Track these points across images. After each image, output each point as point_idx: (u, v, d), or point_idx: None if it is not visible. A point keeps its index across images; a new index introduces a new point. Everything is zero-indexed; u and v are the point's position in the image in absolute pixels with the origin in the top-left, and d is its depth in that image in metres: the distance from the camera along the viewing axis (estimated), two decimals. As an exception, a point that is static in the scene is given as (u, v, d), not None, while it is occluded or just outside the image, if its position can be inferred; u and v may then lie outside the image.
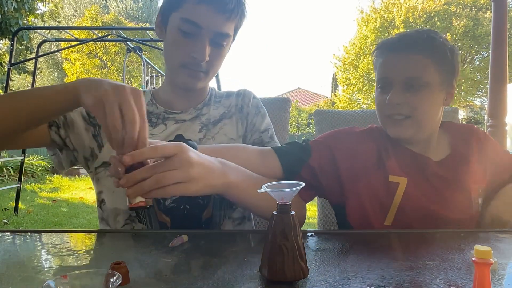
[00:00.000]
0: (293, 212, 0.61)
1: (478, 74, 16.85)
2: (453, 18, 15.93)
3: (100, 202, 1.06)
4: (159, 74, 8.86)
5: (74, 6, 24.57)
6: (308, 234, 0.88)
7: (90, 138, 1.06)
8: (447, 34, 15.39)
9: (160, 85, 1.28)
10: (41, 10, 9.67)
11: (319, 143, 1.08)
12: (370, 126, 1.14)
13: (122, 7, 24.84)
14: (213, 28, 0.97)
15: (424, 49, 0.98)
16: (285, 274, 0.59)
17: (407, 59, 0.99)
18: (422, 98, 0.98)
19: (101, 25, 16.39)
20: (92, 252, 0.77)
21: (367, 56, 16.20)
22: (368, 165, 1.04)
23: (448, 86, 1.02)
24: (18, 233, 0.89)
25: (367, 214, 1.02)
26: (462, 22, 15.60)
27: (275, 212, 0.62)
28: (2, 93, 1.06)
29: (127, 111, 0.68)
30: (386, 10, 17.02)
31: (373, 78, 13.58)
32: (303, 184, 0.64)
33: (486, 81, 12.89)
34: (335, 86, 27.37)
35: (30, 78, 11.80)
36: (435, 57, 0.99)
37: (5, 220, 4.53)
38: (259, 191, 0.66)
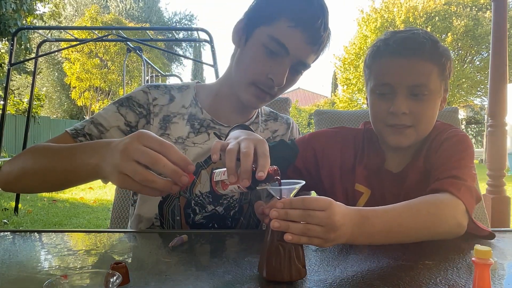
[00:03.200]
0: None
1: (478, 74, 16.87)
2: (453, 18, 15.94)
3: (133, 202, 1.08)
4: (159, 74, 8.87)
5: (75, 6, 24.57)
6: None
7: None
8: (448, 34, 15.40)
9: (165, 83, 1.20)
10: (40, 10, 9.66)
11: (305, 144, 1.08)
12: (360, 127, 1.12)
13: (122, 7, 24.84)
14: (299, 56, 0.93)
15: (430, 55, 0.93)
16: (282, 274, 0.59)
17: (414, 65, 0.92)
18: (426, 107, 0.94)
19: (101, 25, 16.40)
20: (92, 252, 0.77)
21: (367, 56, 16.19)
22: (343, 169, 1.04)
23: (444, 92, 1.00)
24: (18, 233, 0.89)
25: None
26: (462, 22, 15.60)
27: None
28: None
29: (159, 170, 0.65)
30: (387, 10, 17.02)
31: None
32: (303, 182, 0.64)
33: (486, 81, 12.89)
34: (335, 86, 27.40)
35: (30, 78, 11.80)
36: (439, 64, 0.94)
37: (5, 220, 4.52)
38: (258, 188, 0.67)
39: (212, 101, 1.07)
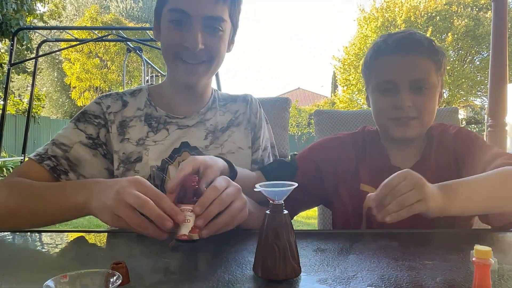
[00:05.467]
0: (285, 212, 0.62)
1: (478, 74, 16.85)
2: (454, 18, 15.94)
3: None
4: (159, 74, 8.86)
5: (76, 6, 24.58)
6: (308, 234, 0.88)
7: (101, 160, 1.03)
8: (448, 34, 15.40)
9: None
10: (40, 10, 9.66)
11: (305, 159, 1.11)
12: (358, 130, 1.15)
13: (122, 7, 24.84)
14: (202, 13, 0.93)
15: (428, 52, 1.00)
16: (277, 273, 0.59)
17: (414, 60, 0.99)
18: (428, 100, 1.00)
19: (101, 25, 16.41)
20: (92, 252, 0.77)
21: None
22: (347, 172, 1.07)
23: (441, 87, 1.06)
24: (18, 233, 0.89)
25: (348, 218, 1.05)
26: (463, 22, 15.60)
27: (268, 212, 0.62)
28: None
29: (145, 212, 0.69)
30: (388, 9, 17.02)
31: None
32: (296, 185, 0.64)
33: (486, 81, 12.86)
34: (335, 86, 27.39)
35: (30, 78, 11.81)
36: (436, 60, 1.01)
37: (5, 220, 4.52)
38: (255, 189, 0.67)
39: (165, 98, 1.10)
